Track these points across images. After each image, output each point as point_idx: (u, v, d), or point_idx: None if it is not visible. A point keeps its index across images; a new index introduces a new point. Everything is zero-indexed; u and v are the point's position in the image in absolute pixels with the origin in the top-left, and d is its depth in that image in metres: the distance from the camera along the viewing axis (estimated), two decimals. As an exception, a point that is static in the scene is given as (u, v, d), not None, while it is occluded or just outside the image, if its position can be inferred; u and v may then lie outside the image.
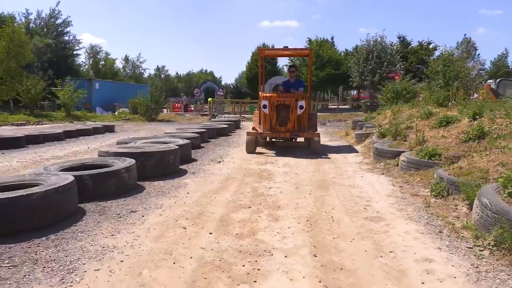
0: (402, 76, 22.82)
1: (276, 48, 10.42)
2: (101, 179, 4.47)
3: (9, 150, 9.26)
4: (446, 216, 4.03)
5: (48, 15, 41.51)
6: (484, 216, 3.50)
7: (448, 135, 6.46)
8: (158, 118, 24.98)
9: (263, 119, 9.09)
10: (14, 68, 23.38)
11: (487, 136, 5.53)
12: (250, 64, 43.21)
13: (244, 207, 4.35)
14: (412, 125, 8.14)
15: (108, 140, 12.14)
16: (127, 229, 3.57)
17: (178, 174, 6.16)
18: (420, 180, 5.37)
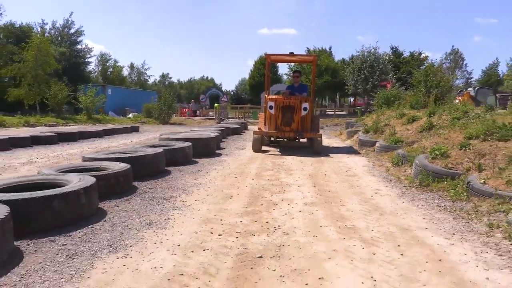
0: (393, 84, 25.30)
1: (282, 54, 10.94)
2: (177, 153, 6.88)
3: (70, 142, 11.62)
4: (397, 174, 6.43)
5: (62, 25, 44.04)
6: (416, 171, 5.91)
7: (411, 128, 8.89)
8: (170, 121, 27.36)
9: (269, 119, 9.58)
10: (41, 75, 25.79)
11: (434, 128, 7.94)
12: (253, 72, 45.74)
13: (269, 169, 6.76)
14: (389, 123, 10.56)
15: (143, 136, 14.51)
16: (202, 177, 5.96)
17: (216, 155, 8.58)
18: (387, 158, 7.77)
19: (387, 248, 3.14)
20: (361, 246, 3.17)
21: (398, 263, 2.83)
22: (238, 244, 3.15)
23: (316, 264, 2.79)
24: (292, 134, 9.53)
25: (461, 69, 40.17)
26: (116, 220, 3.74)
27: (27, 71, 25.65)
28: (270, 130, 9.58)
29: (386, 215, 4.09)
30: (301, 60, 18.84)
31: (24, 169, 6.56)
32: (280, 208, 4.27)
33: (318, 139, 9.35)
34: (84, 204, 3.68)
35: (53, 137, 11.31)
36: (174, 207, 4.26)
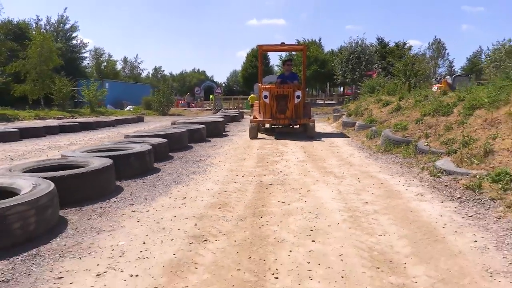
0: (378, 73, 27.19)
1: (273, 44, 11.59)
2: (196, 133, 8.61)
3: (90, 130, 13.25)
4: (369, 144, 8.25)
5: (57, 21, 44.96)
6: (382, 141, 7.73)
7: (384, 110, 10.71)
8: (169, 112, 28.93)
9: (264, 108, 9.97)
10: (45, 71, 27.09)
11: (401, 109, 9.76)
12: (246, 64, 47.28)
13: (269, 144, 8.54)
14: (368, 107, 12.37)
15: (152, 125, 16.14)
16: (218, 149, 7.71)
17: (224, 136, 10.38)
18: (363, 134, 9.60)
19: (350, 179, 4.94)
20: (334, 179, 4.96)
21: (356, 185, 4.63)
22: (256, 180, 4.92)
23: (305, 186, 4.58)
24: (287, 121, 9.99)
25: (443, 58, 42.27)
26: (170, 171, 5.49)
27: (31, 67, 26.91)
28: (265, 118, 10.02)
29: (354, 166, 5.90)
30: (292, 49, 19.78)
31: (74, 147, 8.23)
32: (281, 164, 6.05)
33: (311, 125, 9.90)
34: (148, 161, 5.41)
35: (76, 126, 12.93)
36: (205, 164, 6.02)
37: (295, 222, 3.30)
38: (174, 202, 3.96)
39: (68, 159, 4.75)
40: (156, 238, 2.95)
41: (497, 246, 2.78)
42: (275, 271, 2.39)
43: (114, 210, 3.67)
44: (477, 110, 6.60)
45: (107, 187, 4.29)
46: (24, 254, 2.65)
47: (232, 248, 2.76)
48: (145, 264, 2.50)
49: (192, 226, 3.23)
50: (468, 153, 5.42)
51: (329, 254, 2.64)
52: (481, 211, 3.60)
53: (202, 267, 2.46)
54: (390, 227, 3.18)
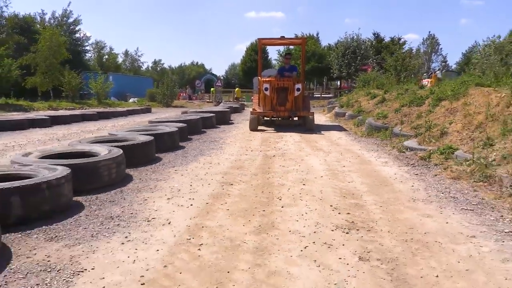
0: (373, 68, 28.54)
1: (273, 38, 11.72)
2: (207, 120, 10.01)
3: (107, 119, 14.62)
4: (355, 131, 9.70)
5: (60, 15, 45.94)
6: (366, 127, 9.17)
7: (371, 102, 12.13)
8: (172, 104, 30.22)
9: (264, 100, 10.10)
10: (54, 64, 28.29)
11: (385, 101, 11.18)
12: (245, 58, 48.44)
13: (271, 130, 9.96)
14: (358, 99, 13.79)
15: (161, 114, 17.50)
16: (228, 133, 9.14)
17: (230, 123, 11.79)
18: (352, 122, 11.04)
19: (335, 154, 6.38)
20: (322, 153, 6.41)
21: (338, 157, 6.07)
22: (262, 153, 6.35)
23: (300, 157, 6.02)
24: (287, 113, 10.06)
25: (436, 53, 43.72)
26: (193, 148, 6.93)
27: (41, 61, 28.10)
28: (266, 110, 10.13)
29: (340, 146, 7.34)
30: (291, 43, 19.92)
31: (103, 132, 9.62)
32: (281, 143, 7.50)
33: (310, 117, 9.99)
34: (176, 140, 6.84)
35: (95, 115, 14.30)
36: (220, 143, 7.46)
37: (291, 176, 4.74)
38: (203, 165, 5.40)
39: (117, 136, 6.16)
40: (198, 183, 4.38)
41: (426, 189, 4.23)
42: (279, 197, 3.83)
43: (162, 169, 5.11)
44: (443, 101, 8.03)
45: (151, 156, 5.72)
46: (114, 191, 4.07)
47: (250, 187, 4.20)
48: (195, 195, 3.93)
49: (220, 178, 4.66)
50: (429, 135, 6.88)
51: (313, 190, 4.08)
52: (425, 171, 5.06)
53: (232, 195, 3.90)
54: (357, 179, 4.63)
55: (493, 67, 11.06)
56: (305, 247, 2.61)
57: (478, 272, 2.30)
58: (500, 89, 6.88)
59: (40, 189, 3.14)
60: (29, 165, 3.85)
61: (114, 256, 2.47)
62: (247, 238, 2.77)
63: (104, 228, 2.97)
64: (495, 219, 3.26)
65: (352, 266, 2.35)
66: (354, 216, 3.26)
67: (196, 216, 3.25)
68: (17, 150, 6.66)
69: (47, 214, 3.17)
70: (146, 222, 3.10)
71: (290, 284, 2.13)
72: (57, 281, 2.14)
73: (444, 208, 3.54)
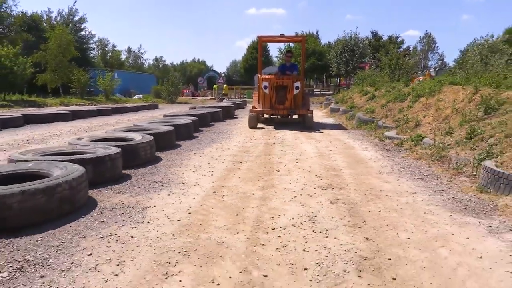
0: (370, 66, 29.67)
1: (273, 35, 11.87)
2: (214, 115, 11.20)
3: (119, 114, 15.81)
4: (346, 124, 10.90)
5: (67, 13, 47.07)
6: (356, 121, 10.38)
7: (363, 99, 13.32)
8: (177, 101, 31.42)
9: (263, 98, 10.12)
10: (64, 62, 29.48)
11: (375, 97, 12.37)
12: (247, 56, 49.60)
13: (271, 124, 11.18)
14: (352, 96, 14.98)
15: (170, 110, 18.70)
16: (234, 126, 10.34)
17: (235, 118, 12.98)
18: (345, 117, 12.23)
19: (325, 142, 7.59)
20: (314, 141, 7.62)
21: (327, 144, 7.28)
22: (264, 141, 7.56)
23: (295, 144, 7.23)
24: (286, 111, 10.14)
25: (433, 51, 44.78)
26: (205, 137, 8.14)
27: (51, 58, 29.28)
28: (265, 108, 10.18)
29: (331, 136, 8.55)
30: (291, 40, 20.34)
31: (121, 124, 10.81)
32: (279, 134, 8.70)
33: (309, 115, 9.99)
34: (191, 130, 8.05)
35: (109, 110, 15.51)
36: (228, 134, 8.68)
37: (288, 157, 5.95)
38: (216, 150, 6.62)
39: (143, 126, 7.37)
40: (214, 162, 5.60)
41: (392, 166, 5.43)
42: (277, 170, 5.04)
43: (183, 153, 6.32)
44: (421, 98, 9.23)
45: (173, 142, 6.94)
46: (150, 166, 5.27)
47: (255, 164, 5.41)
48: (214, 169, 5.14)
49: (231, 158, 5.87)
50: (406, 126, 8.09)
51: (304, 166, 5.29)
52: (395, 154, 6.27)
53: (242, 169, 5.11)
54: (340, 159, 5.85)
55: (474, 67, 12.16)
56: (294, 197, 3.83)
57: (408, 209, 3.51)
58: (467, 87, 8.07)
59: (104, 161, 4.35)
60: (87, 145, 5.07)
61: (166, 201, 3.68)
62: (254, 192, 3.98)
63: (152, 187, 4.19)
64: (436, 184, 4.46)
65: (324, 206, 3.56)
66: (332, 181, 4.48)
67: (216, 181, 4.46)
68: (55, 139, 7.87)
69: (107, 180, 4.37)
70: (182, 184, 4.31)
71: (283, 212, 3.34)
72: (134, 212, 3.35)
73: (401, 177, 4.74)
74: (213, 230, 2.94)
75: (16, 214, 2.89)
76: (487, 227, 3.05)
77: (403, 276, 2.26)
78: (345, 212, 3.38)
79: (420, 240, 2.79)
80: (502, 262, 2.44)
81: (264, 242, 2.72)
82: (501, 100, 6.40)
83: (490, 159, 4.53)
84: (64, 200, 3.22)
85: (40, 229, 2.89)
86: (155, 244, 2.67)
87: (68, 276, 2.23)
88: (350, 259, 2.46)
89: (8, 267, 2.33)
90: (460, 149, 5.59)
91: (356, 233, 2.89)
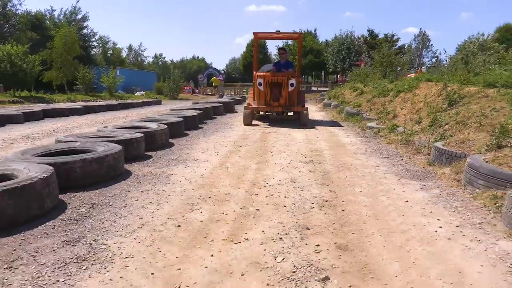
0: (365, 63, 30.78)
1: (269, 32, 11.67)
2: (217, 109, 12.32)
3: (126, 109, 16.91)
4: (336, 117, 12.03)
5: (69, 12, 48.01)
6: (344, 114, 11.51)
7: (353, 94, 14.44)
8: (178, 97, 32.50)
9: (258, 95, 10.14)
10: (69, 60, 30.51)
11: (363, 93, 13.49)
12: (246, 53, 50.72)
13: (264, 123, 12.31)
14: (343, 92, 16.10)
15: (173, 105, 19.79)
16: (235, 119, 11.46)
17: (235, 112, 14.08)
18: (335, 111, 13.36)
19: (314, 131, 8.72)
20: (304, 131, 8.75)
21: (316, 133, 8.41)
22: (261, 131, 8.69)
23: (288, 133, 8.36)
24: (281, 108, 10.16)
25: (427, 49, 45.84)
26: (210, 128, 9.27)
27: (56, 56, 30.30)
28: (260, 105, 10.17)
29: (320, 126, 9.66)
30: (287, 37, 20.79)
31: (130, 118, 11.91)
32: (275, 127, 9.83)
33: (304, 113, 10.00)
34: (197, 122, 9.17)
35: (118, 106, 16.60)
36: (229, 125, 9.81)
37: (280, 142, 7.08)
38: (219, 137, 7.74)
39: (156, 118, 8.48)
40: (218, 146, 6.72)
41: (366, 149, 6.56)
42: (271, 151, 6.17)
43: (192, 139, 7.45)
44: (401, 93, 10.34)
45: (182, 132, 8.07)
46: (165, 150, 6.38)
47: (253, 148, 6.54)
48: (219, 151, 6.25)
49: (233, 143, 7.00)
50: (385, 118, 9.22)
51: (293, 149, 6.42)
52: (372, 140, 7.40)
53: (242, 151, 6.23)
54: (324, 144, 6.98)
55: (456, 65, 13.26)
56: (282, 168, 4.96)
57: (368, 176, 4.64)
58: (439, 84, 9.18)
59: (132, 142, 5.46)
60: (115, 131, 6.19)
61: (184, 171, 4.80)
62: (252, 165, 5.11)
63: (171, 163, 5.31)
64: (397, 160, 5.59)
65: (304, 173, 4.69)
66: (313, 158, 5.61)
67: (221, 159, 5.59)
68: (76, 129, 8.98)
69: (134, 157, 5.49)
70: (194, 160, 5.44)
71: (272, 177, 4.47)
72: (161, 177, 4.48)
73: (371, 157, 5.87)
74: (221, 187, 4.07)
75: (79, 176, 4.01)
76: (421, 186, 4.18)
77: (350, 210, 3.39)
78: (319, 177, 4.51)
79: (369, 192, 3.93)
80: (420, 203, 3.57)
81: (257, 193, 3.85)
82: (462, 94, 7.52)
83: (441, 141, 5.66)
84: (110, 168, 4.34)
85: (96, 188, 4.01)
86: (181, 194, 3.80)
87: (126, 210, 3.36)
88: (316, 201, 3.59)
89: (83, 207, 3.45)
90: (423, 134, 6.72)
91: (323, 188, 4.03)
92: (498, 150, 4.50)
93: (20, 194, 2.97)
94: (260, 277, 2.23)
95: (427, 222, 3.10)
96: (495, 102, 6.27)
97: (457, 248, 2.62)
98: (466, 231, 2.90)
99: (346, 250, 2.59)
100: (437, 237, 2.81)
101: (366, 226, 3.01)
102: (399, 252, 2.57)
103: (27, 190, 3.02)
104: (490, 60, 14.91)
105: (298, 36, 12.63)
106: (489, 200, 3.48)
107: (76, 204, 3.49)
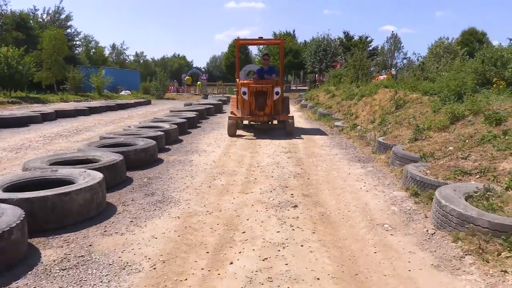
0: (341, 65, 33.22)
1: (251, 38, 11.66)
2: (209, 110, 14.27)
3: (123, 110, 18.61)
4: (311, 117, 14.19)
5: (53, 12, 48.59)
6: (318, 114, 13.68)
7: (327, 97, 16.66)
8: (164, 97, 34.11)
9: (242, 104, 9.88)
10: (58, 60, 31.64)
11: (335, 96, 15.69)
12: (227, 54, 52.45)
13: (253, 116, 14.35)
14: (318, 95, 18.29)
15: (165, 105, 21.59)
16: (225, 118, 13.46)
17: (223, 112, 16.05)
18: (311, 112, 15.52)
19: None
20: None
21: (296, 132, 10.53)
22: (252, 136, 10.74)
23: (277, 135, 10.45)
24: (266, 118, 9.94)
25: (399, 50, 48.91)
26: (207, 127, 11.29)
27: (46, 57, 31.38)
28: (244, 115, 9.94)
29: (298, 125, 11.77)
30: (269, 43, 21.37)
31: (133, 119, 13.69)
32: (260, 124, 11.91)
33: (289, 121, 9.88)
34: (196, 122, 11.13)
35: (115, 106, 18.29)
36: (222, 124, 11.80)
37: (266, 138, 9.13)
38: (217, 134, 9.77)
39: (163, 119, 10.38)
40: (218, 141, 8.72)
41: (330, 142, 8.70)
42: (259, 145, 8.22)
43: (196, 136, 9.41)
44: (364, 97, 12.57)
45: (186, 130, 10.04)
46: (178, 144, 8.34)
47: (247, 144, 8.57)
48: (220, 144, 8.26)
49: (229, 139, 9.01)
50: (349, 118, 11.42)
51: (276, 143, 8.49)
52: (336, 137, 9.56)
53: (236, 145, 8.25)
54: (299, 142, 9.07)
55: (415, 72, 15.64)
56: (268, 156, 7.02)
57: (327, 160, 6.74)
58: (393, 89, 11.43)
59: (157, 138, 7.39)
60: (140, 130, 8.10)
61: (200, 158, 6.79)
62: (247, 154, 7.15)
63: (188, 153, 7.28)
64: (351, 151, 7.73)
65: (284, 159, 6.77)
66: (291, 149, 7.69)
67: (224, 150, 7.60)
68: (95, 128, 10.77)
69: (159, 150, 7.42)
70: (204, 151, 7.44)
71: (262, 161, 6.53)
72: (185, 162, 6.45)
73: (333, 148, 8.00)
74: (229, 167, 6.10)
75: (133, 161, 5.93)
76: (362, 166, 6.32)
77: (312, 178, 5.47)
78: (294, 161, 6.60)
79: (326, 169, 6.04)
80: (357, 175, 5.69)
81: (254, 170, 5.90)
82: (406, 100, 9.75)
83: (383, 136, 7.84)
84: (151, 156, 6.29)
85: (144, 169, 5.94)
86: (204, 171, 5.81)
87: (173, 180, 5.33)
88: (291, 174, 5.67)
89: (144, 179, 5.39)
90: (374, 132, 8.91)
91: (297, 167, 6.11)
92: (414, 142, 6.69)
93: (113, 169, 4.90)
94: (261, 206, 4.26)
95: (357, 183, 5.22)
96: (425, 107, 8.50)
97: (369, 195, 4.73)
98: (378, 188, 5.03)
99: (308, 196, 4.66)
100: (360, 190, 4.92)
101: (321, 186, 5.10)
102: (337, 197, 4.66)
103: (115, 167, 4.96)
104: (441, 67, 17.37)
105: (280, 41, 12.58)
106: (399, 172, 5.63)
107: (138, 178, 5.44)
